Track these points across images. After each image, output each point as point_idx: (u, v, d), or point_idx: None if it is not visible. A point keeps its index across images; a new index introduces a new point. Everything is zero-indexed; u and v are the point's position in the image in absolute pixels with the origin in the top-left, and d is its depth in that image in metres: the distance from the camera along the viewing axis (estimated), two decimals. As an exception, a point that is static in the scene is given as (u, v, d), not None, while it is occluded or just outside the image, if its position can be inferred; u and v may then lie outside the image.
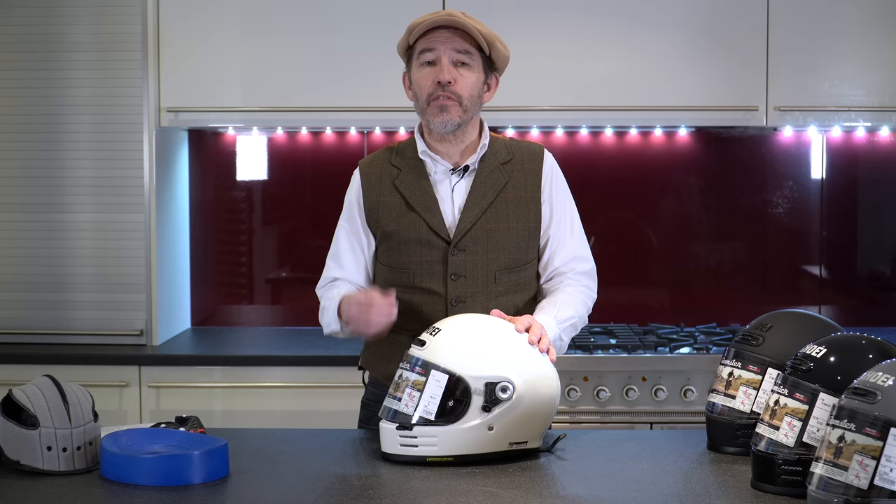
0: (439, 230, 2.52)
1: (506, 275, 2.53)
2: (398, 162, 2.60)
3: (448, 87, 2.47)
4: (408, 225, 2.54)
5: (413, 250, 2.54)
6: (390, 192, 2.57)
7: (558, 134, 4.11)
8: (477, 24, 2.52)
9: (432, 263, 2.53)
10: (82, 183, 3.79)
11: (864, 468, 1.69)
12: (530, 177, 2.58)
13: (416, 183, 2.56)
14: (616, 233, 4.21)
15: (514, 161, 2.59)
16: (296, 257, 4.27)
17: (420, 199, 2.54)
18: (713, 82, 3.75)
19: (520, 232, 2.55)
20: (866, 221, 4.21)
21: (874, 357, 1.94)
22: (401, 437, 2.18)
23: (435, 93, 2.49)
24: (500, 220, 2.54)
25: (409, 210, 2.54)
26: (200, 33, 3.78)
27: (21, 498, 1.98)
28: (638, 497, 1.99)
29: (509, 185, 2.56)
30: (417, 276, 2.53)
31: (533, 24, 3.74)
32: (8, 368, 3.59)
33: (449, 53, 2.49)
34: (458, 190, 2.55)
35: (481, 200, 2.53)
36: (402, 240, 2.54)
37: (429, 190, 2.55)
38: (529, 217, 2.56)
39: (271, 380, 3.61)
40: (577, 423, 3.48)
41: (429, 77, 2.49)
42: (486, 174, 2.55)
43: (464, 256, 2.52)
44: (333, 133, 4.15)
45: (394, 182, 2.57)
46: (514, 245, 2.55)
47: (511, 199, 2.55)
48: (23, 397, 2.14)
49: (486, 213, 2.53)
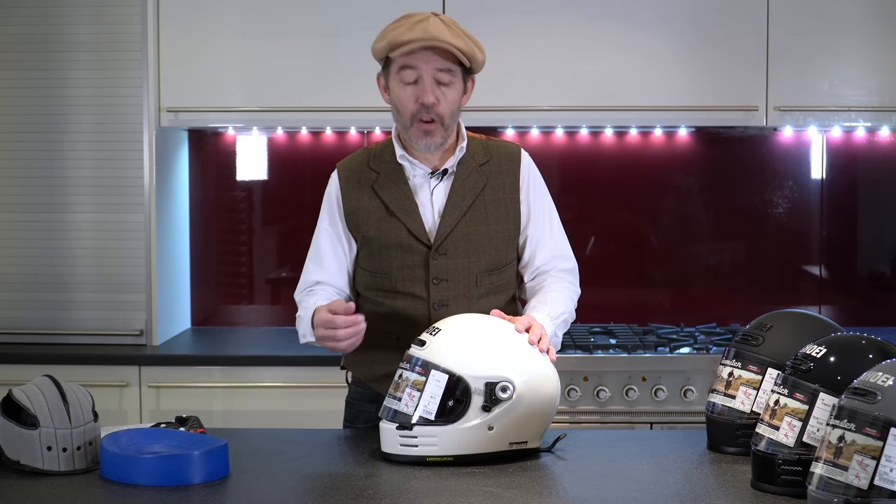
0: (419, 235, 2.52)
1: (486, 277, 2.54)
2: (376, 165, 2.57)
3: (431, 108, 2.45)
4: (388, 230, 2.53)
5: (394, 255, 2.53)
6: (370, 196, 2.55)
7: (558, 134, 4.11)
8: (456, 37, 2.45)
9: (413, 268, 2.52)
10: (82, 183, 3.79)
11: (864, 468, 1.69)
12: (508, 177, 2.58)
13: (396, 188, 2.54)
14: (616, 233, 4.21)
15: (492, 162, 2.58)
16: (296, 257, 4.25)
17: (400, 203, 2.53)
18: (713, 82, 3.75)
19: (499, 234, 2.55)
20: (866, 221, 4.21)
21: (874, 357, 1.94)
22: (401, 436, 2.18)
23: (418, 114, 2.46)
24: (480, 223, 2.53)
25: (390, 215, 2.53)
26: (200, 33, 3.78)
27: (21, 498, 1.98)
28: (638, 497, 1.99)
29: (488, 188, 2.55)
30: (399, 280, 2.53)
31: (533, 25, 3.74)
32: (8, 368, 3.59)
33: (431, 72, 2.45)
34: (437, 193, 2.54)
35: (461, 203, 2.53)
36: (383, 245, 2.53)
37: (408, 195, 2.54)
38: (509, 218, 2.56)
39: (271, 380, 3.61)
40: (577, 423, 3.48)
41: (411, 96, 2.46)
42: (465, 177, 2.55)
43: (445, 260, 2.51)
44: (333, 133, 4.15)
45: (373, 186, 2.55)
46: (494, 247, 2.55)
47: (490, 200, 2.55)
48: (23, 397, 2.14)
49: (465, 217, 2.53)
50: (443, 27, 2.44)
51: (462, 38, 2.46)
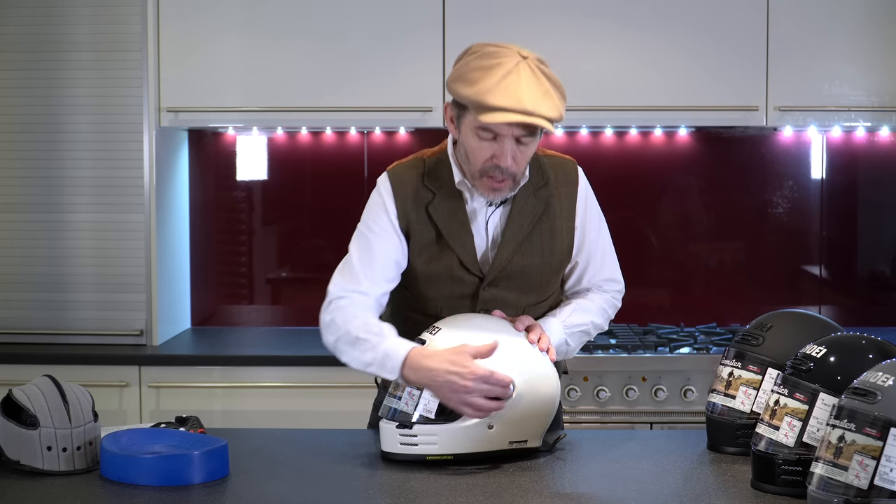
0: (471, 267, 2.38)
1: (533, 308, 2.44)
2: (432, 184, 2.39)
3: (506, 170, 2.28)
4: (439, 259, 2.38)
5: (443, 285, 2.40)
6: (423, 218, 2.38)
7: (558, 134, 4.11)
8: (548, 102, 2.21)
9: (462, 298, 2.40)
10: (82, 183, 3.79)
11: (864, 468, 1.69)
12: (566, 201, 2.44)
13: (452, 214, 2.38)
14: (616, 233, 4.15)
15: (549, 186, 2.42)
16: (296, 257, 4.26)
17: (455, 232, 2.37)
18: (713, 82, 3.75)
19: (552, 266, 2.44)
20: (866, 221, 4.21)
21: (874, 357, 1.94)
22: (401, 435, 2.18)
23: (490, 171, 2.28)
24: (535, 255, 2.40)
25: (443, 243, 2.38)
26: (200, 33, 3.78)
27: (21, 498, 1.98)
28: (638, 497, 1.99)
29: (545, 215, 2.41)
30: (445, 309, 2.40)
31: (533, 25, 3.73)
32: (8, 368, 3.58)
33: (513, 135, 2.25)
34: (493, 221, 2.40)
35: (517, 234, 2.38)
36: (433, 273, 2.39)
37: (465, 223, 2.37)
38: (563, 249, 2.44)
39: (271, 380, 3.61)
40: (577, 423, 3.48)
41: (487, 151, 2.26)
42: (522, 203, 2.39)
43: (496, 292, 2.40)
44: (333, 133, 4.15)
45: (427, 208, 2.38)
46: (545, 279, 2.44)
47: (546, 230, 2.41)
48: (23, 397, 2.14)
49: (521, 249, 2.39)
50: (534, 87, 2.21)
51: (553, 99, 2.23)
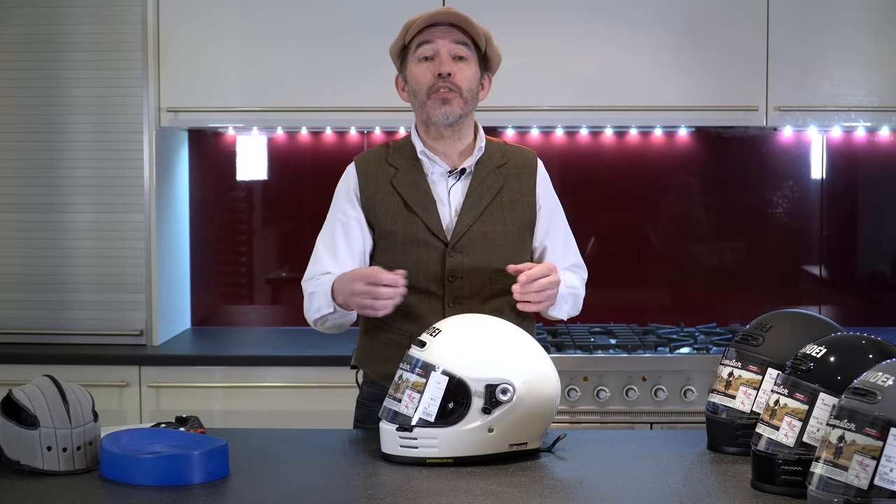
0: (437, 231, 2.53)
1: (501, 277, 2.53)
2: (395, 161, 2.59)
3: (449, 78, 2.50)
4: (406, 225, 2.54)
5: (410, 250, 2.54)
6: (388, 190, 2.57)
7: (558, 134, 4.11)
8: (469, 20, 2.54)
9: (429, 264, 2.53)
10: (82, 183, 3.79)
11: (864, 468, 1.69)
12: (525, 181, 2.62)
13: (414, 183, 2.57)
14: (616, 233, 4.21)
15: (509, 165, 2.61)
16: (296, 257, 4.26)
17: (418, 199, 2.55)
18: (713, 82, 3.75)
19: (514, 234, 2.58)
20: (866, 221, 4.21)
21: (874, 357, 1.94)
22: (401, 438, 2.18)
23: (435, 85, 2.51)
24: (497, 223, 2.56)
25: (408, 210, 2.55)
26: (200, 33, 3.78)
27: (21, 498, 1.98)
28: (638, 497, 1.99)
29: (504, 189, 2.59)
30: (414, 276, 2.52)
31: (533, 24, 3.74)
32: (8, 368, 3.59)
33: (448, 47, 2.52)
34: (455, 192, 2.57)
35: (478, 203, 2.55)
36: (400, 239, 2.55)
37: (426, 190, 2.56)
38: (525, 220, 2.60)
39: (271, 380, 3.61)
40: (577, 423, 3.48)
41: (428, 71, 2.51)
42: (483, 177, 2.58)
43: (461, 258, 2.53)
44: (333, 133, 4.15)
45: (391, 181, 2.57)
46: (509, 247, 2.57)
47: (506, 201, 2.58)
48: (23, 397, 2.14)
49: (482, 216, 2.55)
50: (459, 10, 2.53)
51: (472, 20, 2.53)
